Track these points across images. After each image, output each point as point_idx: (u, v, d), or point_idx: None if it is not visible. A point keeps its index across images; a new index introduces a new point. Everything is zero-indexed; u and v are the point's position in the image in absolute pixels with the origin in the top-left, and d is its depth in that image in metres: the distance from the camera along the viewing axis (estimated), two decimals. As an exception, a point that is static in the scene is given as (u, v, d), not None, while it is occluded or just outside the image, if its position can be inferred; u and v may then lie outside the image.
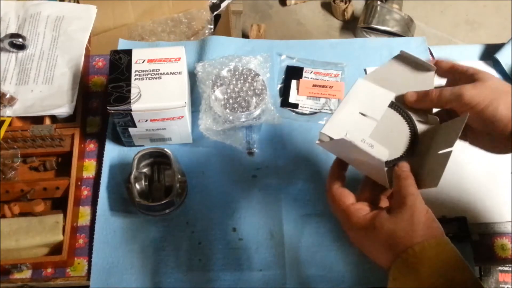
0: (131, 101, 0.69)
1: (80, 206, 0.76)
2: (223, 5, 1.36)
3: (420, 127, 0.56)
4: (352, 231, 0.52)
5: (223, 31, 1.30)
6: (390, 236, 0.48)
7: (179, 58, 0.74)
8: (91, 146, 0.81)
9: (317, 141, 0.54)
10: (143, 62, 0.73)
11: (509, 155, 0.77)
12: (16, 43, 0.86)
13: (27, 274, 0.70)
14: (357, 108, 0.53)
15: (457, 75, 0.56)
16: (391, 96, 0.52)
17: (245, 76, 0.79)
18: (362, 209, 0.52)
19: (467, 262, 0.46)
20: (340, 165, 0.55)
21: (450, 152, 0.49)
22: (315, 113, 0.84)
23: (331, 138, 0.53)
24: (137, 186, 0.71)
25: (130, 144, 0.79)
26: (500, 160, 0.78)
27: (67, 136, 0.78)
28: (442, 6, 1.98)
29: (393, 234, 0.48)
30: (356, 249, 0.53)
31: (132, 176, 0.71)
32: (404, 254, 0.47)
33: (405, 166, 0.51)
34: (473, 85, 0.53)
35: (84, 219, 0.75)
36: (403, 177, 0.50)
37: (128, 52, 0.74)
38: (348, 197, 0.53)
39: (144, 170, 0.75)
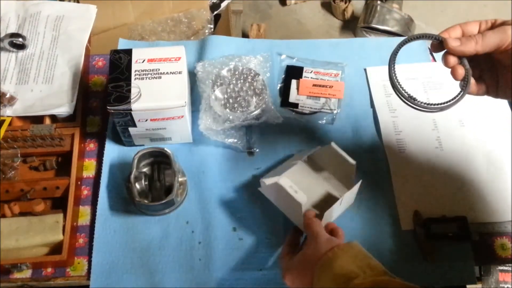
0: (131, 100, 0.69)
1: (80, 206, 0.76)
2: (223, 4, 1.36)
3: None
4: (288, 273, 0.62)
5: (223, 31, 1.30)
6: (304, 260, 0.61)
7: (179, 58, 0.74)
8: (91, 145, 0.81)
9: (259, 188, 0.72)
10: (143, 61, 0.73)
11: (509, 155, 0.78)
12: (16, 42, 0.86)
13: (27, 273, 0.70)
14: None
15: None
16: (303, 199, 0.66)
17: (245, 75, 0.79)
18: (291, 254, 0.65)
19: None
20: (296, 233, 0.69)
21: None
22: (315, 112, 0.84)
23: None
24: (137, 185, 0.71)
25: (130, 143, 0.79)
26: (500, 160, 0.78)
27: (67, 136, 0.78)
28: (442, 6, 1.98)
29: (306, 256, 0.61)
30: None
31: (132, 176, 0.71)
32: (319, 262, 0.58)
33: (310, 214, 0.66)
34: None
35: (84, 219, 0.75)
36: (309, 223, 0.64)
37: (128, 52, 0.74)
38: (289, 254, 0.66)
39: (144, 169, 0.75)
